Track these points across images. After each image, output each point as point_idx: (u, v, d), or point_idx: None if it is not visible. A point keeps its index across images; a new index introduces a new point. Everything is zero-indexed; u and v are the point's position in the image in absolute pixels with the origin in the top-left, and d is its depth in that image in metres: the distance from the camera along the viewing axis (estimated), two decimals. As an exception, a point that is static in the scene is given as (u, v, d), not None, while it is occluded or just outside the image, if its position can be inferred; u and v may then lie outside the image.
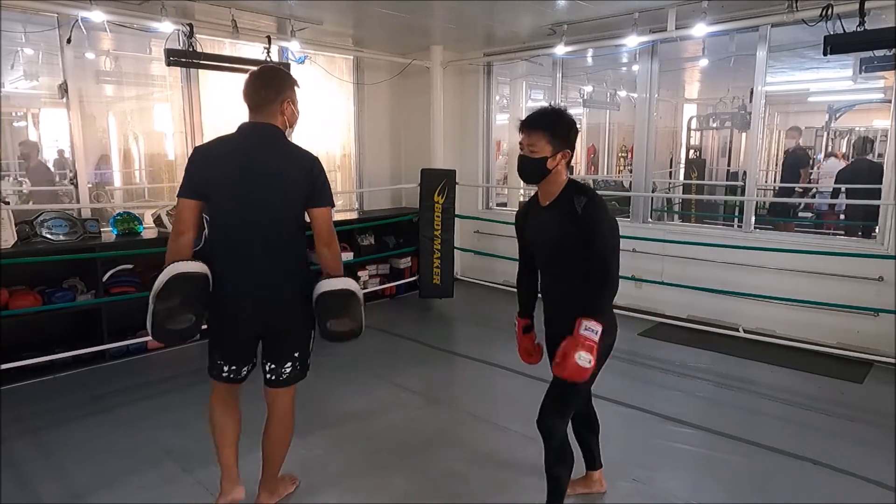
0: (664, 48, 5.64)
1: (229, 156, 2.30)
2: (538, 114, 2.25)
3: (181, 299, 2.20)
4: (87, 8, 4.22)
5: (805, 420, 3.60)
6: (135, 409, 3.73)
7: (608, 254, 2.17)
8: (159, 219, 4.87)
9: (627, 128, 10.03)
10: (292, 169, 2.31)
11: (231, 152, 2.31)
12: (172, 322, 2.20)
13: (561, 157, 2.20)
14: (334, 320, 2.29)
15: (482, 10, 4.97)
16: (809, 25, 4.34)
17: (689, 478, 3.01)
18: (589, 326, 2.10)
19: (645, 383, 4.17)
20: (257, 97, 2.32)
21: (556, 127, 2.20)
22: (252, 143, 2.31)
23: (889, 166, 4.47)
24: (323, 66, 6.29)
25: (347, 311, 2.32)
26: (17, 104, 6.22)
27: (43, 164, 5.98)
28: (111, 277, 4.51)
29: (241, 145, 2.32)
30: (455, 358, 4.73)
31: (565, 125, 2.22)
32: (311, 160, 2.35)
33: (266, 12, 5.00)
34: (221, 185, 2.27)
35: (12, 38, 5.15)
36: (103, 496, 2.79)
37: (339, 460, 3.13)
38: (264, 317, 2.35)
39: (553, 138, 2.18)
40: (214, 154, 2.33)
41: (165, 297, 2.19)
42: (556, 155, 2.19)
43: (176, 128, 5.75)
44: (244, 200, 2.27)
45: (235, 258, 2.32)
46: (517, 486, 2.87)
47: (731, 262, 5.06)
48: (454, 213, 6.03)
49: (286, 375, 2.45)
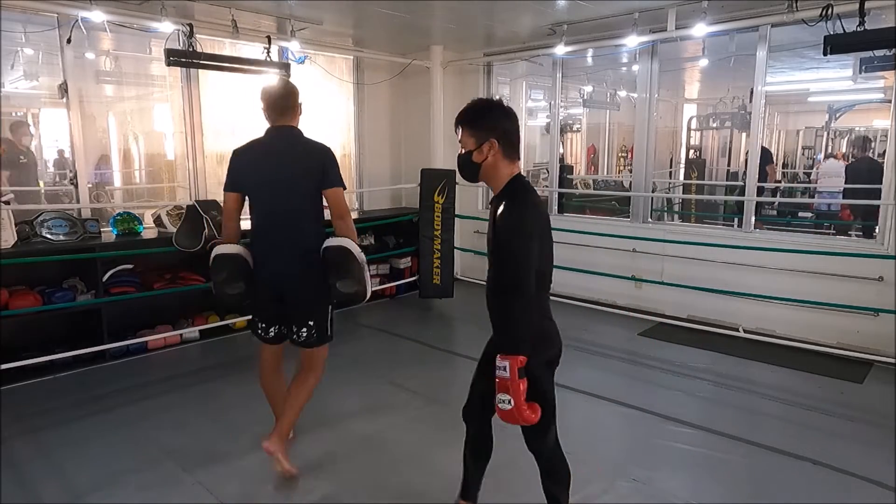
0: (664, 48, 5.64)
1: (259, 155, 2.83)
2: (461, 110, 2.13)
3: (227, 273, 2.80)
4: (87, 8, 4.22)
5: (805, 420, 3.60)
6: (135, 409, 3.73)
7: (520, 266, 1.93)
8: (159, 219, 4.87)
9: (627, 128, 10.03)
10: (309, 159, 2.79)
11: (261, 152, 2.84)
12: (229, 288, 2.82)
13: (488, 149, 2.04)
14: (340, 281, 2.63)
15: (482, 10, 4.97)
16: (809, 25, 4.34)
17: (689, 478, 3.00)
18: (498, 365, 1.93)
19: (645, 383, 4.17)
20: (278, 107, 2.83)
21: (473, 118, 2.08)
22: (277, 143, 2.82)
23: (889, 166, 4.47)
24: (323, 66, 6.29)
25: (349, 272, 2.67)
26: (17, 104, 6.22)
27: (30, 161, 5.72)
28: (111, 277, 4.51)
29: (268, 146, 2.84)
30: (455, 358, 4.73)
31: (479, 113, 2.08)
32: (324, 150, 2.82)
33: (266, 12, 5.00)
34: (254, 180, 2.80)
35: (12, 38, 5.15)
36: (103, 496, 2.79)
37: (339, 460, 3.13)
38: (281, 285, 2.80)
39: (473, 130, 2.06)
40: (248, 154, 2.86)
41: (216, 272, 2.81)
42: (481, 147, 2.04)
43: (176, 128, 5.75)
44: (271, 190, 2.76)
45: (264, 237, 2.82)
46: (517, 486, 2.87)
47: (731, 262, 5.06)
48: (454, 213, 6.03)
49: (304, 338, 2.85)
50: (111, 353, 4.49)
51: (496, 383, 1.95)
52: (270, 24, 5.29)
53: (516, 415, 1.93)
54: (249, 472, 2.99)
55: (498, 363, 1.93)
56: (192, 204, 4.50)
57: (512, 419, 1.95)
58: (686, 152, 10.12)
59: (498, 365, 1.93)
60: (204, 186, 5.51)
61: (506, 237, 1.98)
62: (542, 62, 6.74)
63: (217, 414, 3.66)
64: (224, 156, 6.23)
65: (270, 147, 2.83)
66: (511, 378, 1.90)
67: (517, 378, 1.90)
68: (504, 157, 2.06)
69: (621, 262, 5.73)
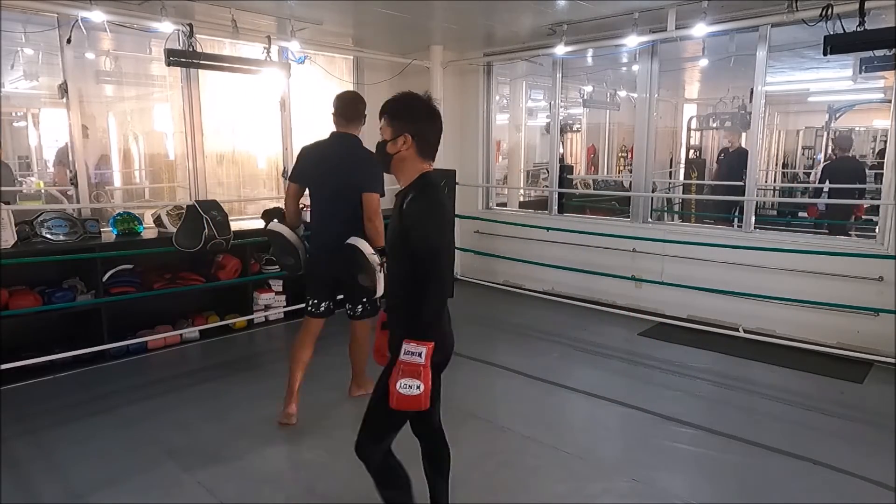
0: (664, 48, 5.64)
1: (319, 156, 3.37)
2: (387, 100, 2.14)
3: (277, 247, 3.51)
4: (87, 8, 4.22)
5: (805, 420, 3.60)
6: (135, 409, 3.72)
7: (428, 258, 1.95)
8: (159, 219, 4.87)
9: (627, 128, 10.03)
10: (355, 165, 3.30)
11: (321, 153, 3.38)
12: (283, 259, 3.52)
13: (402, 143, 2.04)
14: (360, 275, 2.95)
15: (482, 10, 4.97)
16: (809, 25, 4.34)
17: (689, 478, 3.01)
18: (409, 350, 1.90)
19: (645, 383, 4.17)
20: (347, 115, 3.40)
21: (393, 110, 2.08)
22: (335, 148, 3.39)
23: (889, 166, 4.47)
24: (323, 66, 6.29)
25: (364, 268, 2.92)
26: (17, 104, 6.22)
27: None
28: (111, 277, 4.51)
29: (327, 149, 3.39)
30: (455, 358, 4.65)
31: (400, 107, 2.08)
32: (369, 159, 3.12)
33: (266, 12, 5.00)
34: (312, 177, 3.36)
35: (12, 38, 5.15)
36: (103, 496, 2.79)
37: (339, 460, 3.12)
38: (333, 268, 3.30)
39: (391, 120, 2.07)
40: (312, 153, 3.40)
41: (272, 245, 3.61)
42: (396, 139, 2.04)
43: (176, 128, 5.75)
44: (325, 186, 3.31)
45: (319, 225, 3.41)
46: (517, 486, 2.87)
47: (731, 262, 5.07)
48: (454, 213, 6.03)
49: (359, 313, 3.55)
50: (111, 353, 4.49)
51: (403, 368, 1.89)
52: (270, 24, 5.28)
53: (423, 400, 1.89)
54: (249, 472, 2.99)
55: (412, 349, 1.89)
56: (192, 204, 4.51)
57: (414, 405, 1.90)
58: (686, 152, 10.12)
59: (411, 350, 1.89)
60: (204, 186, 5.51)
61: (417, 227, 1.98)
62: (542, 62, 6.74)
63: (217, 414, 3.66)
64: (224, 156, 6.25)
65: (329, 150, 3.38)
66: (425, 363, 1.88)
67: (429, 364, 1.89)
68: (417, 154, 2.06)
69: (621, 262, 5.73)
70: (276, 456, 3.24)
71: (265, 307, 5.38)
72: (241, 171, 6.43)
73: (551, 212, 6.53)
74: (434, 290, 1.97)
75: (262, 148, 6.43)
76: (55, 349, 4.17)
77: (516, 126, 7.90)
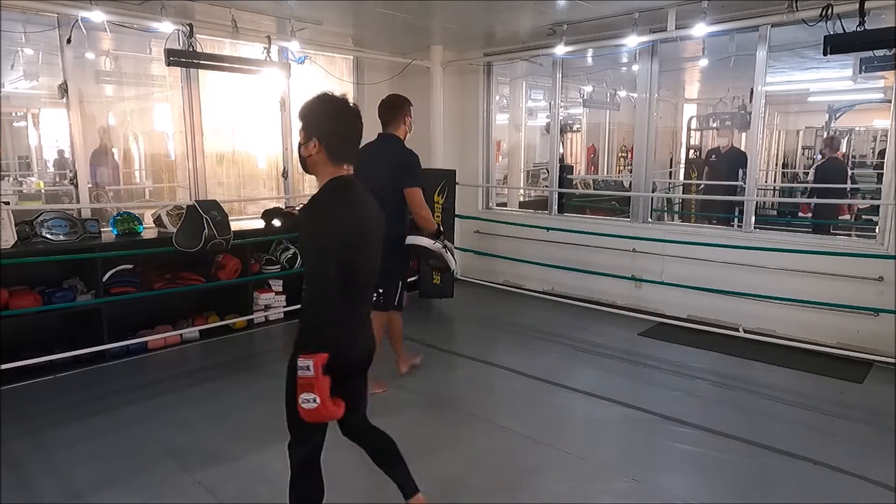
0: (664, 48, 5.64)
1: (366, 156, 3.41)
2: None
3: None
4: (87, 8, 4.22)
5: (805, 420, 3.60)
6: (135, 409, 3.72)
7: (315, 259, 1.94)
8: (159, 219, 4.87)
9: (627, 128, 10.03)
10: (395, 163, 3.63)
11: (367, 153, 3.43)
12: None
13: (312, 147, 2.02)
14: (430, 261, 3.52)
15: (482, 10, 4.97)
16: (809, 25, 4.34)
17: (689, 478, 3.01)
18: (300, 365, 1.87)
19: (645, 383, 4.17)
20: (385, 117, 3.75)
21: (302, 114, 2.07)
22: (378, 148, 3.67)
23: (889, 166, 4.47)
24: (323, 66, 6.29)
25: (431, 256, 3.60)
26: (17, 104, 6.21)
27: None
28: (111, 277, 4.51)
29: (371, 149, 3.58)
30: (455, 358, 4.73)
31: (306, 111, 2.06)
32: (406, 156, 3.67)
33: (266, 12, 5.00)
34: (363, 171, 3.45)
35: (12, 38, 5.14)
36: (103, 496, 2.79)
37: (339, 460, 3.12)
38: None
39: (304, 124, 2.06)
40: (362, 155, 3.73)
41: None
42: (308, 143, 2.03)
43: (176, 128, 5.75)
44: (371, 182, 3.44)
45: None
46: (517, 486, 2.87)
47: (731, 262, 5.07)
48: (454, 213, 6.03)
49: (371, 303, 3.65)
50: (111, 353, 4.49)
51: (298, 384, 1.88)
52: (270, 24, 5.28)
53: (322, 412, 1.89)
54: (249, 472, 2.99)
55: (301, 363, 1.87)
56: (193, 204, 4.51)
57: (318, 417, 1.92)
58: (686, 152, 10.12)
59: (301, 365, 1.87)
60: (204, 186, 5.51)
61: (304, 227, 2.00)
62: (542, 62, 6.74)
63: (217, 414, 3.66)
64: (224, 156, 6.25)
65: (373, 150, 3.61)
66: (315, 376, 1.86)
67: (321, 375, 1.87)
68: (327, 157, 2.03)
69: (621, 262, 5.73)
70: (276, 456, 3.22)
71: (265, 307, 5.38)
72: (241, 171, 6.43)
73: (551, 212, 6.53)
74: (323, 291, 1.93)
75: (262, 148, 6.44)
76: (55, 349, 4.17)
77: (516, 126, 7.90)
